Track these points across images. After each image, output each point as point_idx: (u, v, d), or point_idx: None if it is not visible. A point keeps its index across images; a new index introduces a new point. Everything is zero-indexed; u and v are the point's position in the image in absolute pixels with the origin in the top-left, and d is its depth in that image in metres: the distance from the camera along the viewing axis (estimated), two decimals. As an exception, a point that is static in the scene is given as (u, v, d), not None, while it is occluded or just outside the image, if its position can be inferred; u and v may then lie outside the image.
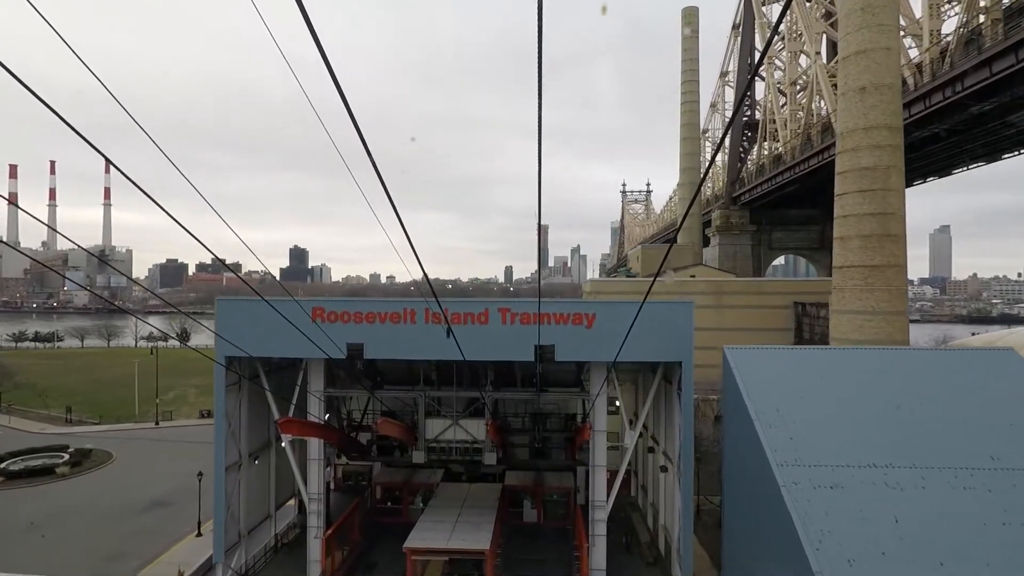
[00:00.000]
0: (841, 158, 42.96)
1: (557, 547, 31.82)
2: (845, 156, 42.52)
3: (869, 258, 41.12)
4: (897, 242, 40.96)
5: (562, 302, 25.67)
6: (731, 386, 23.09)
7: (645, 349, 25.36)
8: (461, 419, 28.29)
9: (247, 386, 28.99)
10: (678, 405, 27.56)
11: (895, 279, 40.96)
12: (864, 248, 41.32)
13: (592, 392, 27.06)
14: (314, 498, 28.30)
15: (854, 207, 41.80)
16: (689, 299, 26.45)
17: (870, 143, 41.17)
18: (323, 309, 26.23)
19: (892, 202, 40.90)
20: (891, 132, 40.93)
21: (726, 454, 24.19)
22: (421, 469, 37.31)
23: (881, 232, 40.91)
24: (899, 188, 41.20)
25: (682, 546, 26.00)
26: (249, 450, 29.63)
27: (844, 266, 42.60)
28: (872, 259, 41.00)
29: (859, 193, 41.50)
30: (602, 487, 27.56)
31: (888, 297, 40.73)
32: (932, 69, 52.54)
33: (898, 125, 41.21)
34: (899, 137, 41.26)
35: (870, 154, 41.07)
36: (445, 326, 25.78)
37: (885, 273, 40.85)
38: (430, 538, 26.53)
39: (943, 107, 49.27)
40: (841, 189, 42.85)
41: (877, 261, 40.87)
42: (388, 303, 26.07)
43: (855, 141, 41.71)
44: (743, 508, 21.94)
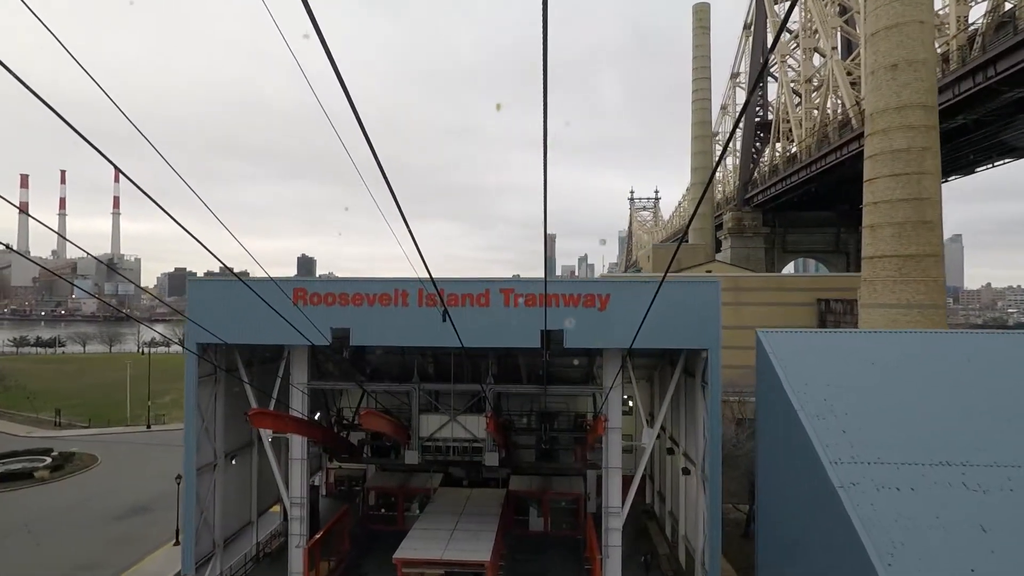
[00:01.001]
0: (871, 140, 40.01)
1: (566, 559, 28.80)
2: (875, 138, 39.57)
3: (903, 247, 38.08)
4: (933, 229, 37.89)
5: (572, 282, 22.86)
6: (767, 374, 20.13)
7: (665, 335, 22.48)
8: (459, 415, 25.43)
9: (224, 379, 26.30)
10: (702, 400, 24.59)
11: (932, 269, 37.87)
12: (897, 236, 38.28)
13: (605, 384, 24.15)
14: (296, 503, 25.48)
15: (886, 192, 38.81)
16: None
17: (903, 123, 38.22)
18: (305, 291, 23.55)
19: (927, 186, 37.86)
20: (926, 111, 37.97)
21: (760, 453, 21.17)
22: (418, 473, 34.45)
23: (916, 219, 37.85)
24: (935, 172, 38.15)
25: (708, 559, 22.94)
26: (226, 450, 26.88)
27: (875, 256, 39.53)
28: (906, 248, 37.96)
29: (891, 177, 38.52)
30: (616, 492, 24.59)
31: (925, 289, 37.60)
32: (960, 56, 49.58)
33: (933, 104, 38.25)
34: (934, 117, 38.28)
35: (903, 135, 38.10)
36: (441, 308, 23.10)
37: (921, 263, 37.75)
38: (423, 548, 23.63)
39: (973, 94, 46.27)
40: (871, 174, 39.87)
41: (912, 250, 37.84)
42: (377, 283, 23.35)
43: (886, 122, 38.78)
44: (783, 515, 18.89)
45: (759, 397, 21.54)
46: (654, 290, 14.96)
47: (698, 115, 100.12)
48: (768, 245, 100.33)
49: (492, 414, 19.98)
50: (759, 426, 21.52)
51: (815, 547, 16.49)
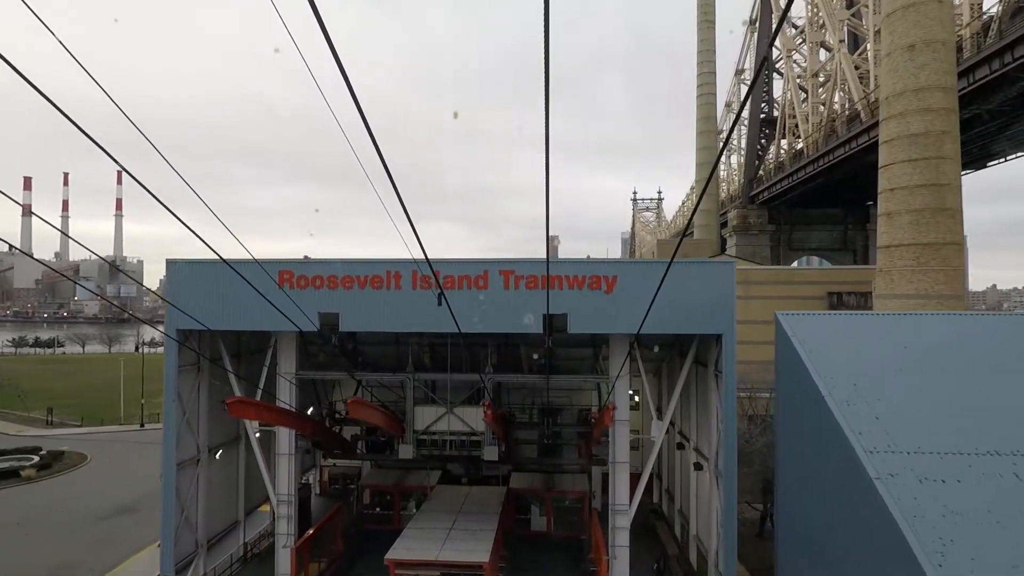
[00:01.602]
0: (886, 125, 38.44)
1: (570, 560, 27.24)
2: (891, 122, 37.99)
3: (921, 235, 36.47)
4: (954, 216, 36.28)
5: (577, 262, 21.38)
6: (788, 359, 18.58)
7: (677, 319, 20.98)
8: (457, 407, 23.92)
9: (208, 369, 24.84)
10: (715, 389, 23.04)
11: (952, 258, 36.27)
12: (915, 224, 36.68)
13: (612, 373, 22.62)
14: (283, 500, 23.99)
15: (903, 179, 37.21)
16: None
17: (920, 106, 36.63)
18: (291, 273, 22.11)
19: (947, 172, 36.28)
20: (945, 94, 36.39)
21: (780, 445, 19.62)
22: (415, 470, 32.94)
23: (935, 205, 36.25)
24: (954, 156, 36.56)
25: (722, 560, 21.36)
26: (210, 444, 25.41)
27: (891, 245, 37.93)
28: (925, 236, 36.35)
29: (908, 163, 36.93)
30: (624, 489, 23.04)
31: (944, 279, 35.97)
32: (975, 43, 47.96)
33: (952, 86, 36.66)
34: (954, 99, 36.69)
35: (921, 118, 36.52)
36: (436, 291, 21.63)
37: (940, 251, 36.14)
38: (418, 548, 22.10)
39: (989, 82, 44.69)
40: (887, 159, 38.28)
41: (931, 238, 36.23)
42: (368, 264, 21.88)
43: (903, 105, 37.20)
44: (806, 511, 17.31)
45: (779, 384, 19.99)
46: (664, 271, 13.53)
47: (703, 110, 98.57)
48: (773, 243, 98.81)
49: (490, 403, 18.48)
50: (778, 415, 19.97)
51: (846, 546, 14.92)
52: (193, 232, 9.17)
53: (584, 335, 25.03)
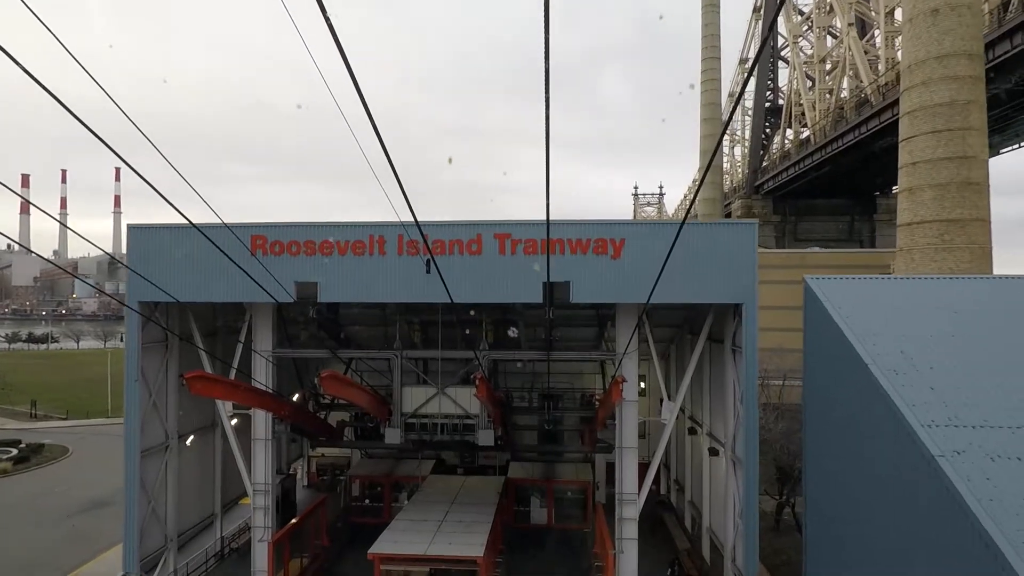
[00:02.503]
0: (908, 95, 36.26)
1: (573, 554, 25.22)
2: (913, 92, 35.79)
3: (946, 211, 34.35)
4: (980, 192, 34.17)
5: (580, 224, 19.26)
6: (821, 327, 16.49)
7: (692, 287, 18.89)
8: (448, 387, 21.83)
9: (178, 347, 22.76)
10: (733, 367, 20.95)
11: (978, 235, 34.14)
12: (939, 199, 34.56)
13: (619, 347, 20.52)
14: (259, 490, 21.94)
15: (925, 151, 35.04)
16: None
17: (945, 74, 34.45)
18: (264, 238, 20.03)
19: (973, 143, 34.13)
20: (971, 61, 34.21)
21: (810, 425, 17.52)
22: (408, 460, 30.88)
23: (961, 179, 34.12)
24: (980, 127, 34.39)
25: (742, 554, 19.28)
26: (181, 430, 23.36)
27: (913, 223, 35.81)
28: (950, 212, 34.23)
29: (932, 135, 34.77)
30: (632, 476, 20.97)
31: (970, 257, 33.86)
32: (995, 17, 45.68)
33: (979, 52, 34.49)
34: (980, 67, 34.51)
35: (945, 87, 34.35)
36: (425, 257, 19.57)
37: (966, 228, 34.02)
38: (406, 542, 20.05)
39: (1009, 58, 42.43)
40: (909, 132, 36.13)
41: (956, 214, 34.12)
42: (349, 228, 19.79)
43: (926, 73, 35.02)
44: (846, 497, 15.18)
45: (808, 355, 17.87)
46: (676, 233, 11.52)
47: (707, 96, 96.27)
48: (778, 234, 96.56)
49: (482, 376, 16.38)
50: (808, 392, 17.86)
51: (897, 535, 12.82)
52: (198, 229, 10.95)
53: (588, 307, 23.00)
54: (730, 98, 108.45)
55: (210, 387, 16.61)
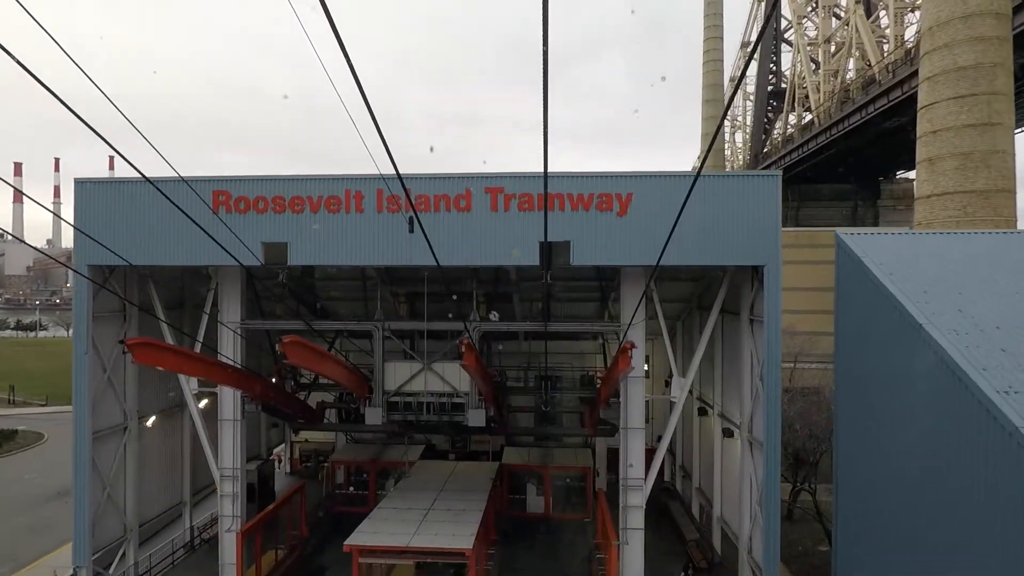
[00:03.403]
0: (928, 60, 34.09)
1: (572, 545, 23.31)
2: (935, 56, 33.62)
3: (969, 181, 32.31)
4: (1006, 160, 32.07)
5: (581, 177, 17.14)
6: (857, 287, 14.44)
7: (707, 247, 16.82)
8: (435, 362, 19.76)
9: (138, 318, 20.64)
10: (750, 339, 18.92)
11: (1004, 207, 32.10)
12: (962, 169, 32.48)
13: (624, 317, 18.47)
14: (227, 475, 19.90)
15: (948, 119, 32.92)
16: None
17: (970, 35, 32.26)
18: (228, 194, 17.87)
19: (999, 109, 31.99)
20: (998, 20, 32.00)
21: (843, 402, 15.52)
22: (395, 445, 28.92)
23: (985, 148, 32.03)
24: (1007, 92, 32.21)
25: (761, 545, 17.31)
26: (142, 410, 21.30)
27: (933, 195, 33.75)
28: (973, 182, 32.19)
29: (955, 100, 32.63)
30: (639, 459, 18.99)
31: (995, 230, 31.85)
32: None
33: (1006, 11, 32.22)
34: (1007, 27, 32.28)
35: (970, 49, 32.18)
36: (408, 214, 17.45)
37: (991, 200, 31.98)
38: (387, 533, 18.07)
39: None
40: (929, 98, 33.99)
41: (980, 185, 32.08)
42: (323, 182, 17.64)
43: (949, 35, 32.82)
44: (893, 479, 13.16)
45: (841, 323, 15.84)
46: (689, 186, 9.52)
47: (709, 77, 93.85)
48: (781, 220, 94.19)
49: (468, 342, 14.27)
50: (840, 364, 15.84)
51: (958, 529, 10.81)
52: (190, 217, 11.89)
53: (589, 279, 20.93)
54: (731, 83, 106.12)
55: (158, 356, 14.51)
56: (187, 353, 16.00)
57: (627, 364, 14.52)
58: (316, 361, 15.15)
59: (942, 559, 11.27)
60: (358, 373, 19.14)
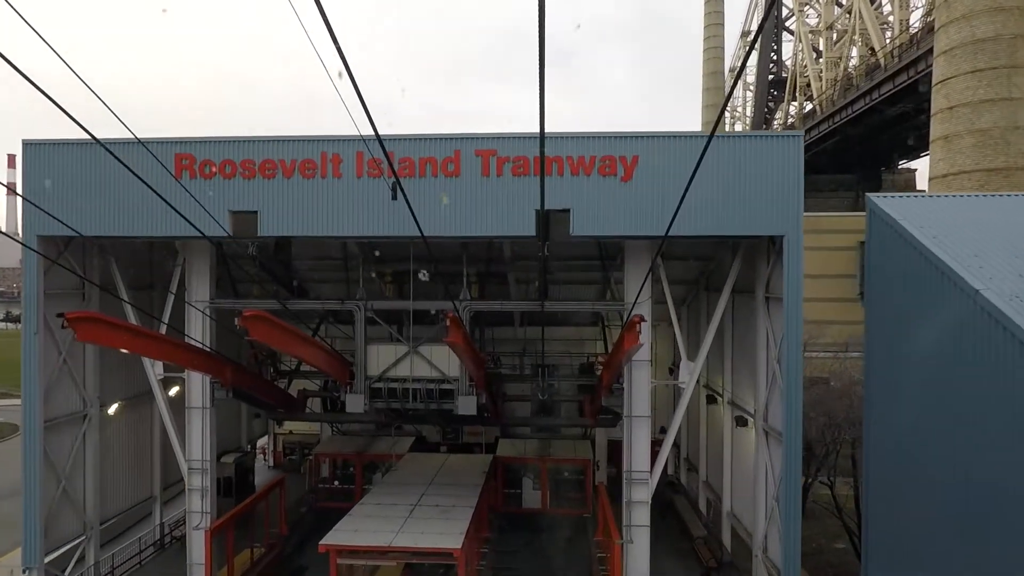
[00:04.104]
0: (944, 32, 32.48)
1: (571, 544, 21.79)
2: (951, 29, 32.00)
3: (988, 159, 30.77)
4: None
5: (584, 137, 15.49)
6: (893, 254, 12.86)
7: (721, 216, 15.23)
8: (422, 345, 18.13)
9: (100, 297, 18.95)
10: (766, 320, 17.34)
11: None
12: (981, 147, 30.94)
13: (628, 295, 16.86)
14: (195, 468, 18.28)
15: (965, 94, 31.36)
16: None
17: (989, 6, 30.61)
18: (192, 157, 16.17)
19: (1019, 83, 30.35)
20: (1020, -11, 30.51)
21: (874, 383, 13.97)
22: (383, 437, 27.33)
23: (1005, 124, 30.47)
24: (1029, 65, 30.78)
25: (781, 546, 15.76)
26: (104, 397, 19.65)
27: (949, 174, 32.21)
28: (992, 160, 30.65)
29: (973, 74, 31.07)
30: (643, 451, 17.43)
31: (1014, 211, 30.36)
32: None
33: (1028, -21, 30.77)
34: (1029, -4, 30.82)
35: (989, 20, 30.56)
36: (390, 180, 15.80)
37: (1011, 178, 30.42)
38: (368, 531, 16.48)
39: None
40: (945, 72, 32.42)
41: (1000, 162, 30.55)
42: (296, 144, 15.95)
43: (967, 5, 31.16)
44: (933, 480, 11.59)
45: (872, 295, 14.25)
46: (702, 148, 7.98)
47: (710, 64, 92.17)
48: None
49: (454, 316, 12.58)
50: (871, 342, 14.25)
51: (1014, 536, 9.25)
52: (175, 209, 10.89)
53: (591, 249, 19.30)
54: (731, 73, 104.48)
55: (106, 334, 12.84)
56: (143, 332, 14.32)
57: (635, 341, 12.89)
58: (284, 339, 13.48)
59: (998, 565, 9.74)
60: (336, 356, 17.50)
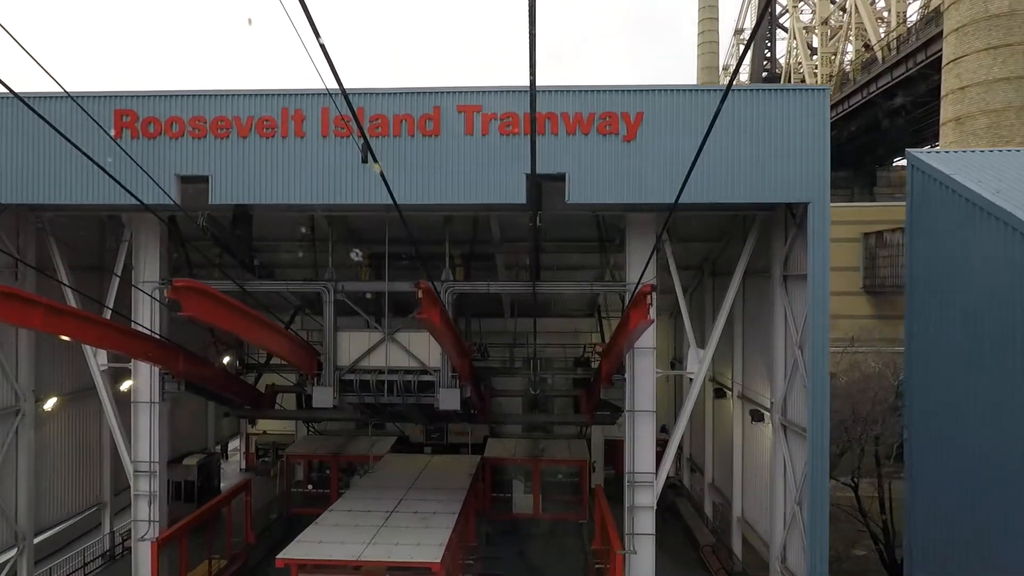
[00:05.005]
0: (956, 8, 30.86)
1: (566, 553, 19.87)
2: (963, 5, 30.38)
3: (1003, 141, 29.07)
4: (1044, 118, 29.16)
5: (582, 91, 13.61)
6: (945, 216, 11.07)
7: (736, 182, 13.40)
8: (399, 332, 16.14)
9: (35, 279, 16.81)
10: (784, 302, 15.50)
11: (1042, 170, 29.16)
12: (995, 128, 29.34)
13: (630, 274, 14.99)
14: (142, 471, 16.19)
15: (979, 72, 29.77)
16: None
17: (1003, -21, 29.19)
18: (134, 114, 14.12)
19: (1037, 62, 29.00)
20: (1035, -38, 29.01)
21: (918, 369, 12.16)
22: (361, 437, 25.29)
23: (1021, 103, 28.99)
24: (1046, 42, 29.27)
25: (806, 555, 13.89)
26: (43, 390, 17.52)
27: (962, 159, 30.69)
28: (1008, 142, 28.88)
29: (987, 52, 29.50)
30: (648, 450, 15.55)
31: (1031, 196, 28.85)
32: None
33: (1044, -48, 29.28)
34: (1047, -31, 29.31)
35: (1005, -6, 29.12)
36: (360, 140, 13.80)
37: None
38: (334, 542, 14.47)
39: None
40: (956, 51, 30.85)
41: (1017, 143, 28.83)
42: (253, 99, 13.93)
43: (981, -21, 29.72)
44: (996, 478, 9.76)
45: (916, 270, 12.46)
46: (715, 104, 6.25)
47: (704, 60, 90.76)
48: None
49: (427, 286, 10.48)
50: (915, 321, 12.48)
51: None
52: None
53: (588, 227, 17.37)
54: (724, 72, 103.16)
55: (19, 312, 10.75)
56: (69, 311, 12.25)
57: (644, 317, 10.96)
58: (227, 316, 11.42)
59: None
60: (299, 341, 15.47)
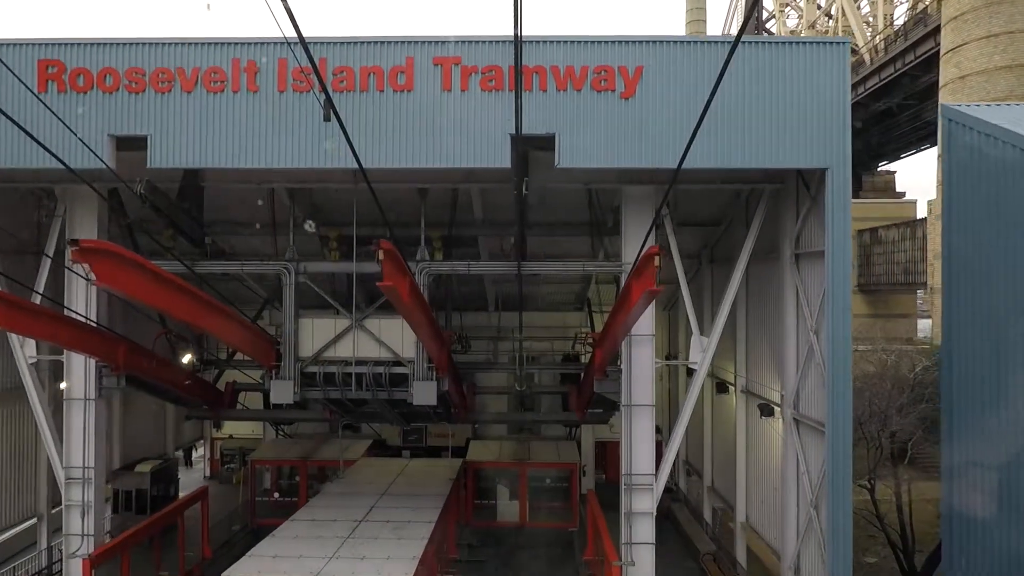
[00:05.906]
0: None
1: (555, 565, 18.16)
2: (962, -9, 29.65)
3: (1005, 131, 28.36)
4: (1047, 106, 28.26)
5: (573, 42, 12.09)
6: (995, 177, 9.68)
7: (746, 144, 11.92)
8: (368, 318, 14.42)
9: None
10: (796, 284, 14.02)
11: (1045, 161, 28.26)
12: (997, 117, 28.54)
13: (626, 253, 13.45)
14: (75, 478, 14.27)
15: (979, 61, 28.84)
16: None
17: (1004, -37, 28.32)
18: (62, 65, 12.34)
19: (1039, 48, 28.13)
20: (1039, -56, 28.19)
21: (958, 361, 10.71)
22: (333, 440, 23.41)
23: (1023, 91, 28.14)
24: (1047, 29, 28.44)
25: (827, 564, 12.33)
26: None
27: (962, 149, 29.75)
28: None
29: (987, 40, 28.58)
30: (647, 449, 13.98)
31: (1034, 187, 27.89)
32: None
33: (1046, -65, 28.49)
34: (1050, -47, 28.51)
35: (1005, -21, 28.25)
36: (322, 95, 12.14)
37: (1030, 152, 28.01)
38: (291, 557, 12.66)
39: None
40: (955, 40, 29.90)
41: (1019, 133, 28.17)
42: (200, 47, 12.21)
43: (980, -35, 28.84)
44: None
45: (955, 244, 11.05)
46: (724, 58, 4.82)
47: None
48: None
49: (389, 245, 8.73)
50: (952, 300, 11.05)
51: None
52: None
53: (579, 202, 15.79)
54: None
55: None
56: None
57: (650, 285, 9.34)
58: (151, 289, 9.56)
59: None
60: (248, 324, 13.65)
